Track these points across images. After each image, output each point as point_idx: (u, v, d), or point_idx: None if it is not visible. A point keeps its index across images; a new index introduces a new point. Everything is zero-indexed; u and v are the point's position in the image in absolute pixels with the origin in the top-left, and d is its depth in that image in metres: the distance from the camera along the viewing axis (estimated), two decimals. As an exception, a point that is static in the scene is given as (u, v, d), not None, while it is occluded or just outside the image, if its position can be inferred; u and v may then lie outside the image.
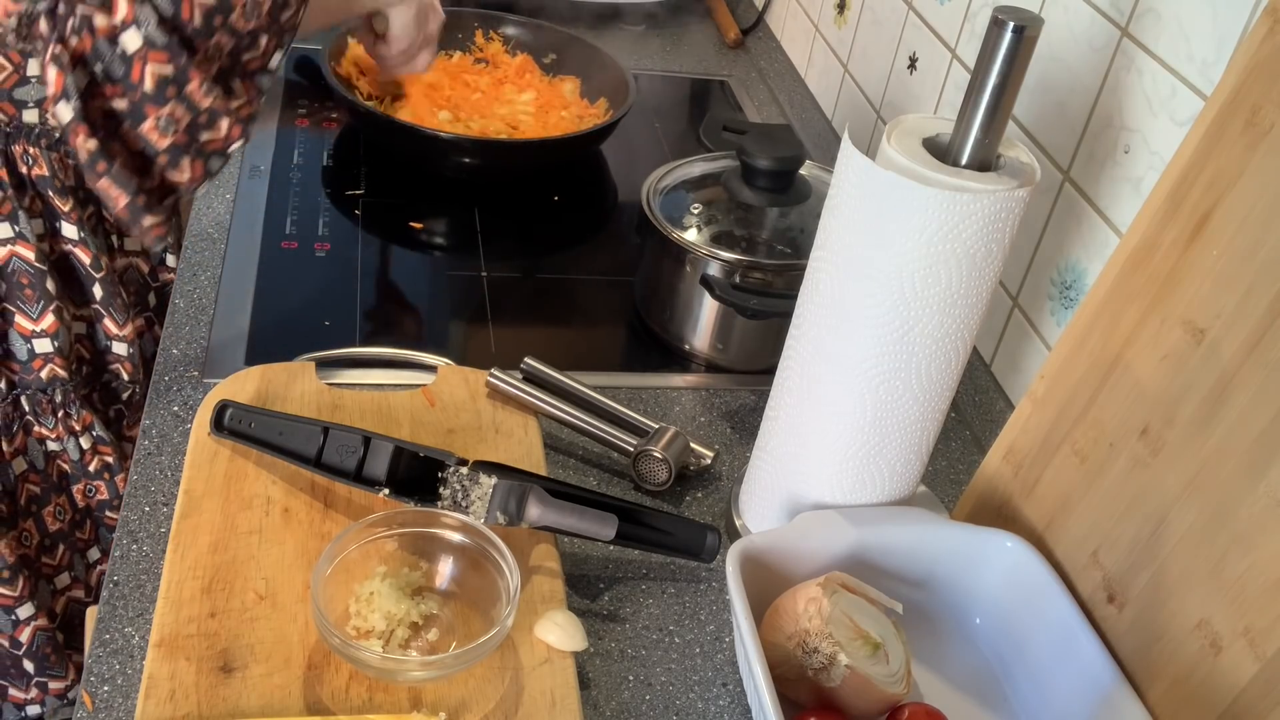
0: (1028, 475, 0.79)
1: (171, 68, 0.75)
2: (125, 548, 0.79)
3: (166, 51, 0.74)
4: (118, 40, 0.73)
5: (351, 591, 0.72)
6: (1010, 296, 1.00)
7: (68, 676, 1.14)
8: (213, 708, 0.65)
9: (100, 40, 0.73)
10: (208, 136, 0.79)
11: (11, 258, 0.96)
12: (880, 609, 0.72)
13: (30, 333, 0.98)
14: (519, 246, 1.19)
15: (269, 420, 0.81)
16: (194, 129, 0.78)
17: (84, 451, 1.06)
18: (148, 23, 0.73)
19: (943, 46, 1.14)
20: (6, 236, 0.95)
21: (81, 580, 1.14)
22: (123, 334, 1.06)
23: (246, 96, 0.81)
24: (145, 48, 0.74)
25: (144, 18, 0.73)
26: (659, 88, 1.55)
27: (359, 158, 1.27)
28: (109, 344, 1.06)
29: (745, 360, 1.04)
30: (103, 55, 0.74)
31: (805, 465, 0.78)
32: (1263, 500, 0.61)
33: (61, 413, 1.03)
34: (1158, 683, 0.68)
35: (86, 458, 1.06)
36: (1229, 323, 0.64)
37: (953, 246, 0.67)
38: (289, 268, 1.09)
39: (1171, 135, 0.80)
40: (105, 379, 1.09)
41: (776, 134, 1.05)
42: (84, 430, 1.05)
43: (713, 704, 0.75)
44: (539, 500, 0.76)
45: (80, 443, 1.05)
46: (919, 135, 0.71)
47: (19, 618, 1.06)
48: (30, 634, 1.07)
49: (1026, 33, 0.65)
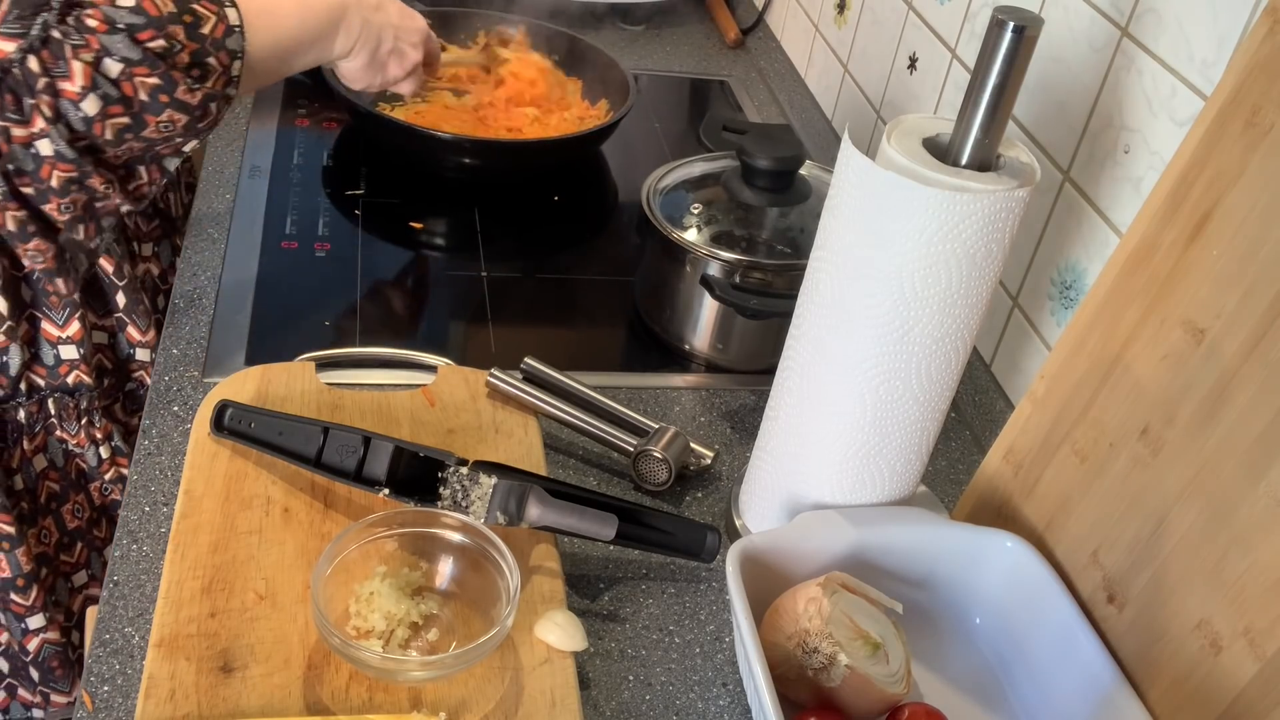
0: (1028, 475, 0.79)
1: (77, 173, 0.82)
2: (125, 548, 0.79)
3: (74, 165, 0.81)
4: (32, 145, 0.80)
5: (351, 591, 0.72)
6: (1010, 296, 1.00)
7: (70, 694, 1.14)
8: (213, 708, 0.65)
9: (15, 146, 0.80)
10: (102, 206, 0.87)
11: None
12: (880, 609, 0.72)
13: (56, 339, 1.00)
14: (519, 246, 1.19)
15: (269, 420, 0.81)
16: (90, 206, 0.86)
17: (102, 460, 1.07)
18: (60, 139, 0.80)
19: (943, 46, 1.14)
20: None
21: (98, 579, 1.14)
22: (145, 340, 1.07)
23: (149, 178, 0.88)
24: (55, 158, 0.81)
25: (56, 134, 0.80)
26: (659, 88, 1.55)
27: (359, 158, 1.27)
28: (132, 351, 1.07)
29: (745, 360, 1.04)
30: (16, 157, 0.81)
31: (805, 465, 0.78)
32: (1263, 500, 0.61)
33: (85, 420, 1.04)
34: (1158, 683, 0.68)
35: (104, 467, 1.07)
36: (1229, 323, 0.64)
37: (953, 246, 0.67)
38: (289, 268, 1.09)
39: (1171, 135, 0.80)
40: (129, 387, 1.10)
41: (776, 134, 1.05)
42: (105, 439, 1.06)
43: (713, 704, 0.75)
44: (539, 500, 0.76)
45: (100, 452, 1.06)
46: (919, 135, 0.71)
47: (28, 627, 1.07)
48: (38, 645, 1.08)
49: (1026, 33, 0.65)
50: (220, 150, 1.24)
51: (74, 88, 0.78)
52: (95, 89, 0.79)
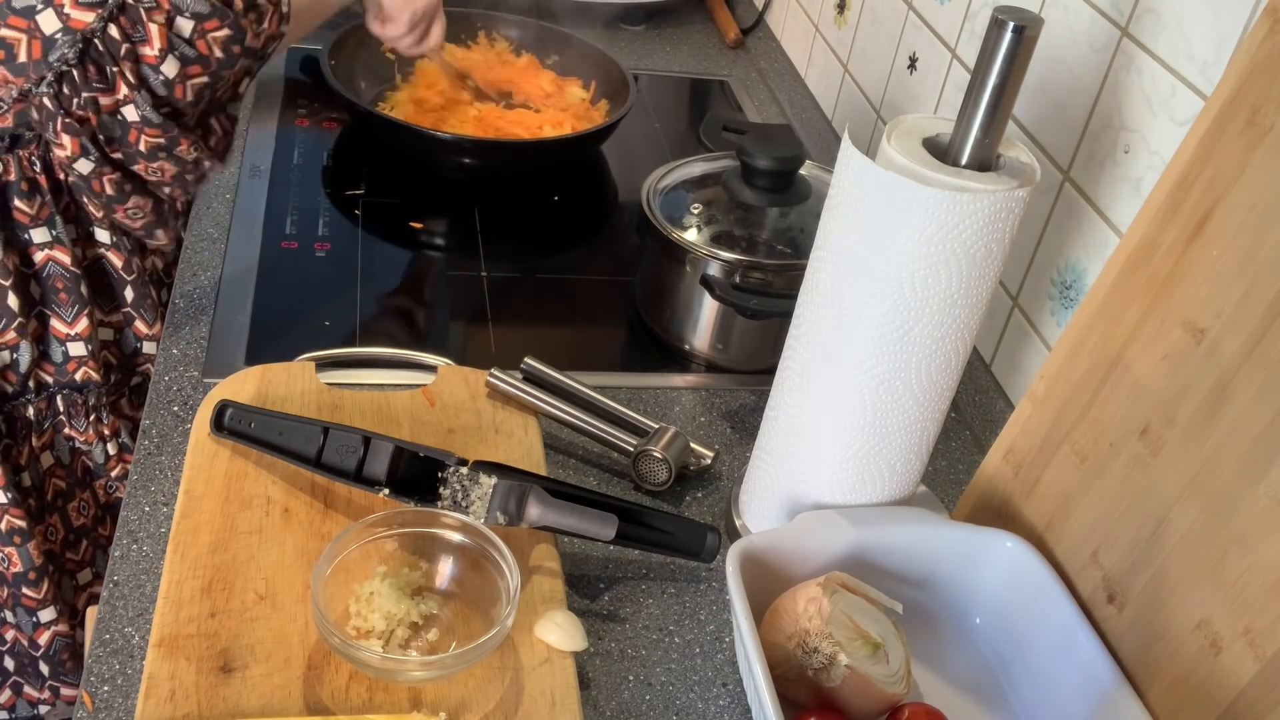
0: (1028, 475, 0.79)
1: (164, 139, 0.83)
2: (125, 548, 0.79)
3: (160, 129, 0.82)
4: (118, 112, 0.81)
5: (351, 591, 0.72)
6: (1010, 296, 1.00)
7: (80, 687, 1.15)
8: (213, 708, 0.65)
9: (103, 115, 0.81)
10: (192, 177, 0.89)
11: (48, 262, 0.98)
12: (880, 609, 0.72)
13: (65, 336, 1.00)
14: (519, 246, 1.19)
15: (269, 420, 0.81)
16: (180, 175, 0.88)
17: (109, 457, 1.07)
18: (145, 104, 0.81)
19: (943, 46, 1.14)
20: (44, 241, 0.98)
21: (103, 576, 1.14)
22: (152, 333, 1.07)
23: (222, 129, 0.89)
24: (141, 123, 0.82)
25: (141, 99, 0.81)
26: (659, 88, 1.55)
27: (359, 158, 1.27)
28: (139, 345, 1.08)
29: (745, 360, 1.04)
30: (105, 126, 0.82)
31: (805, 465, 0.78)
32: (1263, 500, 0.61)
33: (93, 416, 1.04)
34: (1158, 683, 0.68)
35: (111, 463, 1.08)
36: (1229, 323, 0.64)
37: (953, 246, 0.67)
38: (289, 268, 1.09)
39: (1171, 135, 0.80)
40: (135, 382, 1.10)
41: (776, 134, 1.05)
42: (112, 436, 1.06)
43: (713, 704, 0.75)
44: (539, 500, 0.76)
45: (108, 448, 1.06)
46: (919, 135, 0.71)
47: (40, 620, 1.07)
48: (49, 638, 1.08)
49: (1026, 33, 0.65)
50: (220, 150, 1.24)
51: (153, 51, 0.79)
52: (172, 50, 0.80)
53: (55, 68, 0.77)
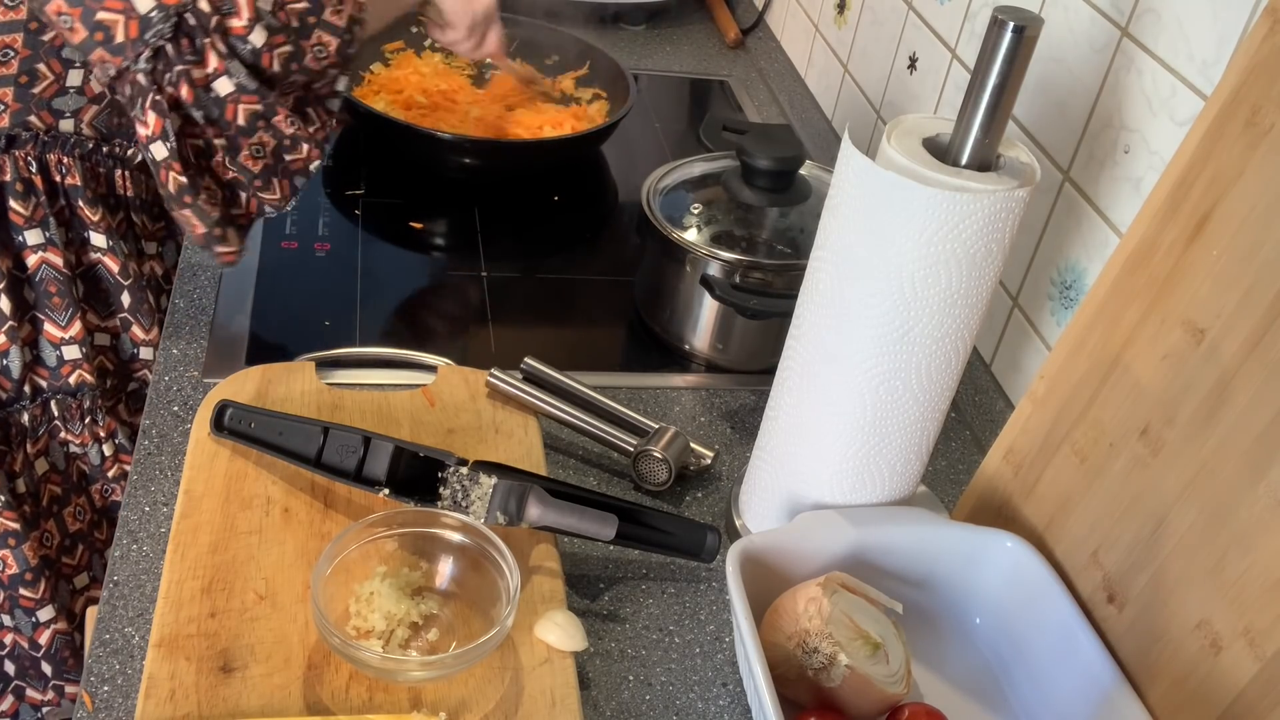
0: (1028, 475, 0.79)
1: (261, 105, 0.84)
2: (125, 548, 0.79)
3: (256, 95, 0.83)
4: (211, 88, 0.82)
5: (351, 591, 0.72)
6: (1010, 296, 1.00)
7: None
8: (213, 708, 0.65)
9: (198, 89, 0.81)
10: (291, 158, 0.88)
11: (41, 265, 0.98)
12: (880, 609, 0.72)
13: (59, 340, 1.00)
14: (519, 246, 1.19)
15: (269, 420, 0.81)
16: (279, 153, 0.87)
17: (105, 458, 1.07)
18: (239, 73, 0.82)
19: (943, 46, 1.14)
20: (37, 243, 0.97)
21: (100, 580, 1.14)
22: (149, 338, 1.07)
23: (320, 121, 0.90)
24: (237, 92, 0.82)
25: (234, 69, 0.81)
26: (659, 88, 1.55)
27: (359, 158, 1.27)
28: (136, 350, 1.08)
29: (745, 360, 1.04)
30: (200, 101, 0.82)
31: (805, 465, 0.78)
32: (1263, 500, 0.61)
33: (89, 419, 1.04)
34: (1158, 683, 0.68)
35: (107, 464, 1.08)
36: (1229, 323, 0.64)
37: (953, 246, 0.67)
38: (289, 268, 1.09)
39: (1171, 135, 0.80)
40: (132, 387, 1.10)
41: (776, 134, 1.05)
42: (108, 437, 1.06)
43: (713, 704, 0.75)
44: (539, 500, 0.76)
45: (103, 449, 1.06)
46: (919, 135, 0.71)
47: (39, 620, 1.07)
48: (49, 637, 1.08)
49: (1026, 33, 0.65)
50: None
51: (241, 22, 0.81)
52: (259, 20, 0.81)
53: (151, 43, 0.79)
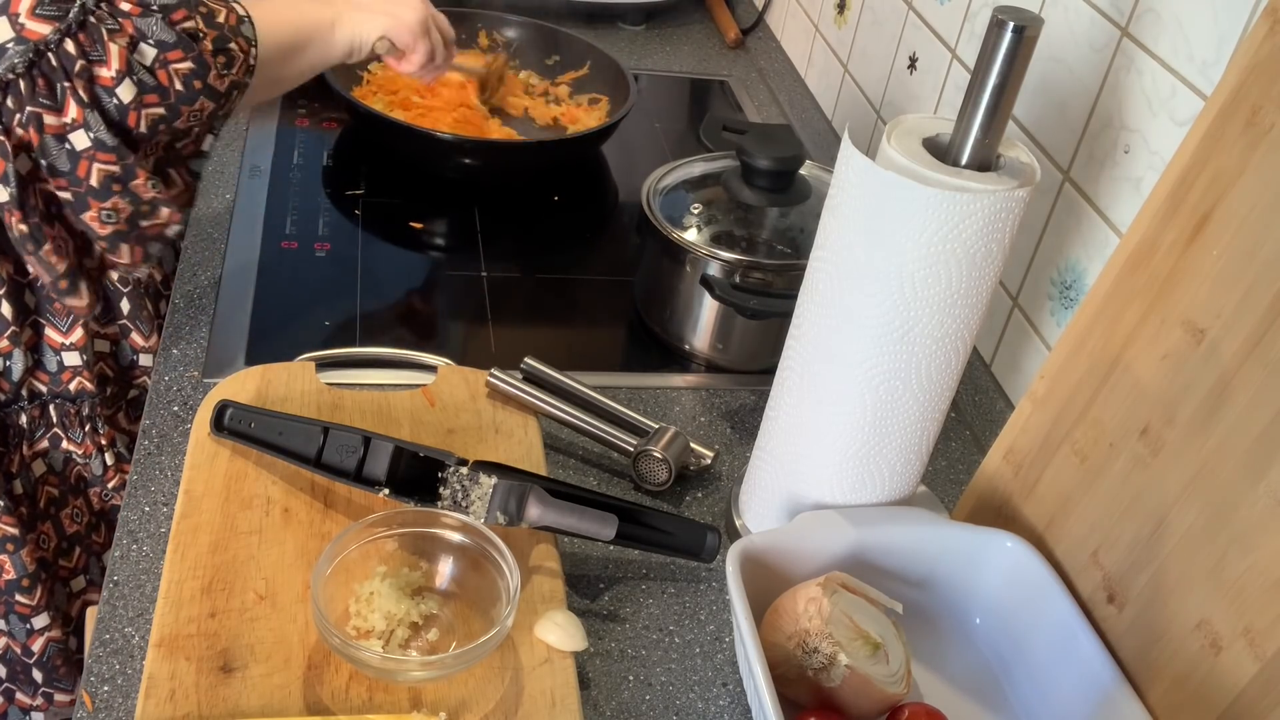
0: (1028, 475, 0.79)
1: (119, 167, 0.79)
2: (125, 548, 0.79)
3: (114, 153, 0.78)
4: (65, 138, 0.77)
5: (351, 591, 0.72)
6: (1010, 296, 1.00)
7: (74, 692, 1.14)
8: (213, 708, 0.65)
9: (48, 137, 0.77)
10: (148, 224, 0.84)
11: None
12: (880, 609, 0.72)
13: (60, 345, 1.00)
14: (519, 246, 1.19)
15: (269, 420, 0.81)
16: (135, 218, 0.83)
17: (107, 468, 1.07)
18: (98, 126, 0.77)
19: (943, 46, 1.14)
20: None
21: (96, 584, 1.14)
22: (148, 345, 1.07)
23: (183, 183, 0.86)
24: (94, 148, 0.78)
25: (93, 121, 0.77)
26: (659, 88, 1.55)
27: (359, 158, 1.27)
28: (136, 357, 1.08)
29: (745, 360, 1.04)
30: (49, 151, 0.77)
31: (805, 465, 0.78)
32: (1263, 500, 0.61)
33: (88, 426, 1.04)
34: (1158, 683, 0.68)
35: (108, 475, 1.07)
36: (1229, 323, 0.64)
37: (953, 246, 0.67)
38: (289, 268, 1.09)
39: (1171, 135, 0.80)
40: (132, 394, 1.10)
41: (776, 134, 1.05)
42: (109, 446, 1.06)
43: (713, 704, 0.75)
44: (539, 500, 0.76)
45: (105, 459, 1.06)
46: (919, 135, 0.71)
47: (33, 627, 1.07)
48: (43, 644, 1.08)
49: (1026, 33, 0.65)
50: (220, 150, 1.24)
51: (109, 73, 0.77)
52: (130, 74, 0.78)
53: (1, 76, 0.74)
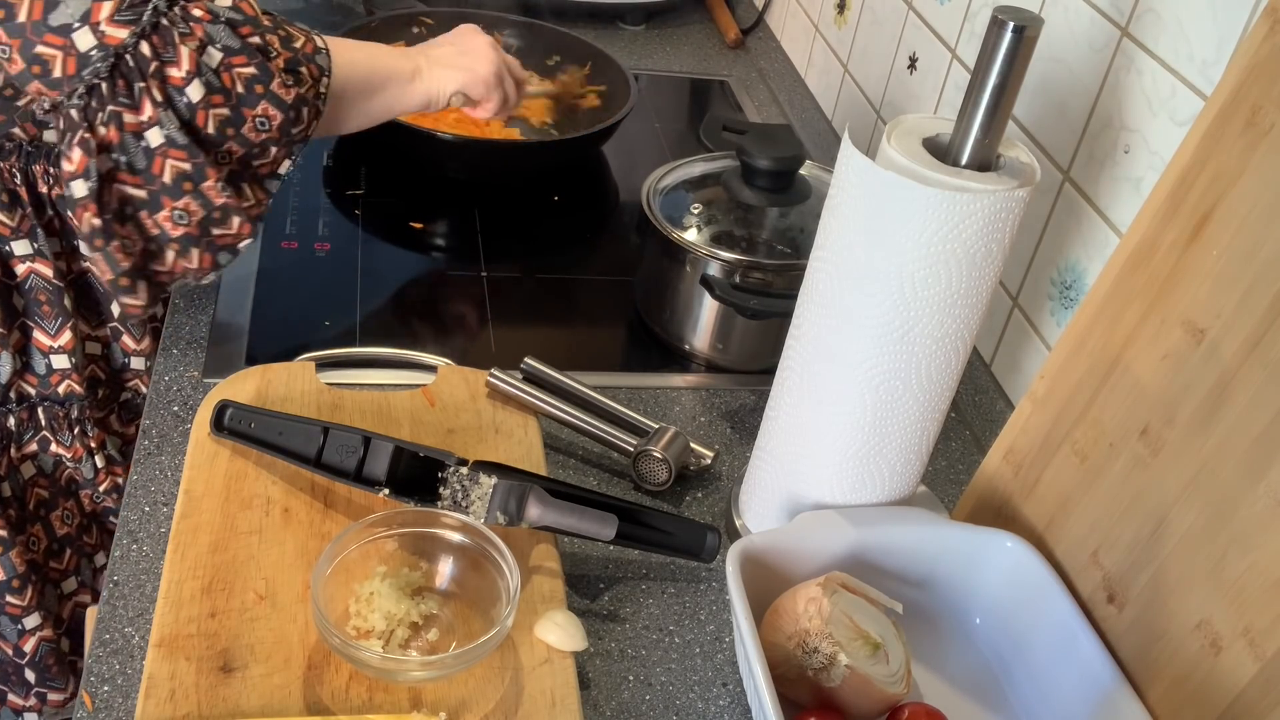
0: (1028, 475, 0.79)
1: (189, 165, 0.82)
2: (125, 548, 0.79)
3: (185, 151, 0.81)
4: (142, 135, 0.80)
5: (351, 591, 0.72)
6: (1010, 296, 1.00)
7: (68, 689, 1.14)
8: (213, 708, 0.65)
9: (127, 134, 0.80)
10: (219, 231, 0.86)
11: (30, 274, 0.98)
12: (880, 609, 0.72)
13: (48, 349, 1.00)
14: (519, 246, 1.19)
15: (269, 420, 0.81)
16: (206, 223, 0.85)
17: (98, 471, 1.07)
18: (170, 124, 0.80)
19: (943, 46, 1.14)
20: (25, 253, 0.97)
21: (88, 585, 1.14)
22: (140, 348, 1.07)
23: (255, 198, 0.88)
24: (166, 145, 0.81)
25: (166, 120, 0.80)
26: (659, 88, 1.55)
27: (359, 158, 1.27)
28: (127, 360, 1.08)
29: (745, 360, 1.04)
30: (127, 147, 0.81)
31: (805, 465, 0.78)
32: (1263, 500, 0.61)
33: (77, 429, 1.04)
34: (1158, 683, 0.68)
35: (100, 477, 1.07)
36: (1229, 323, 0.64)
37: (953, 246, 0.67)
38: (289, 268, 1.09)
39: (1171, 135, 0.80)
40: (124, 397, 1.10)
41: (776, 134, 1.05)
42: (99, 448, 1.06)
43: (713, 704, 0.75)
44: (539, 500, 0.76)
45: (96, 462, 1.06)
46: (919, 135, 0.71)
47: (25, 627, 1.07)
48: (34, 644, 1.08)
49: (1026, 33, 0.65)
50: (220, 150, 1.24)
51: (180, 73, 0.80)
52: (199, 75, 0.80)
53: (87, 80, 0.78)
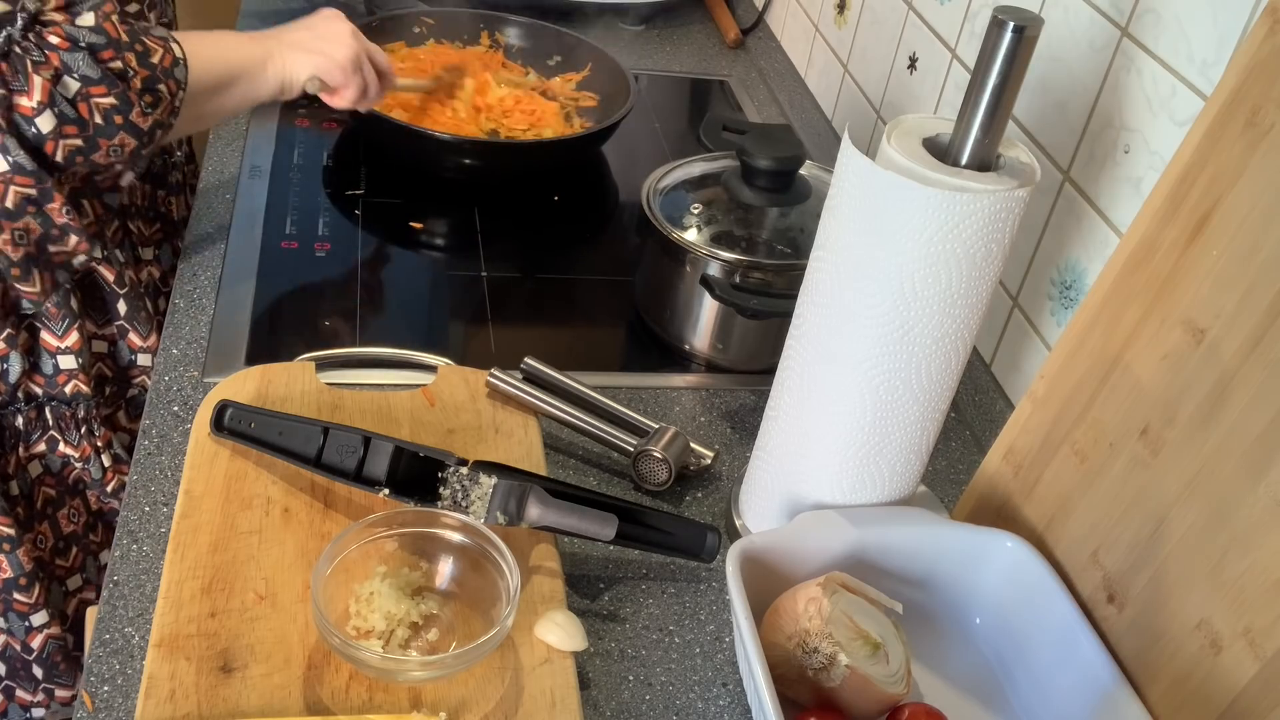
0: (1028, 475, 0.79)
1: (35, 190, 0.80)
2: (125, 548, 0.79)
3: (33, 178, 0.79)
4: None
5: (351, 591, 0.72)
6: (1010, 296, 1.00)
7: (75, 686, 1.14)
8: (213, 708, 0.65)
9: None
10: (56, 249, 0.85)
11: None
12: (880, 609, 0.72)
13: (55, 349, 1.00)
14: (519, 246, 1.19)
15: (269, 420, 0.81)
16: (44, 241, 0.83)
17: (105, 470, 1.07)
18: (16, 152, 0.78)
19: (943, 46, 1.14)
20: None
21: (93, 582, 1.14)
22: (147, 345, 1.07)
23: (94, 214, 0.87)
24: (11, 172, 0.79)
25: (11, 147, 0.78)
26: (659, 88, 1.55)
27: (359, 158, 1.27)
28: (134, 358, 1.08)
29: (745, 360, 1.04)
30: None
31: (805, 465, 0.78)
32: (1263, 500, 0.61)
33: (84, 428, 1.04)
34: (1158, 683, 0.68)
35: (107, 477, 1.07)
36: (1229, 323, 0.64)
37: (953, 246, 0.67)
38: (289, 268, 1.09)
39: (1171, 135, 0.80)
40: (131, 394, 1.10)
41: (776, 134, 1.05)
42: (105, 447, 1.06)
43: (713, 704, 0.75)
44: (539, 500, 0.76)
45: (103, 461, 1.06)
46: (919, 135, 0.71)
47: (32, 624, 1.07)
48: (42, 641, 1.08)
49: (1026, 33, 0.65)
50: (220, 150, 1.24)
51: (30, 103, 0.78)
52: (52, 105, 0.79)
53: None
